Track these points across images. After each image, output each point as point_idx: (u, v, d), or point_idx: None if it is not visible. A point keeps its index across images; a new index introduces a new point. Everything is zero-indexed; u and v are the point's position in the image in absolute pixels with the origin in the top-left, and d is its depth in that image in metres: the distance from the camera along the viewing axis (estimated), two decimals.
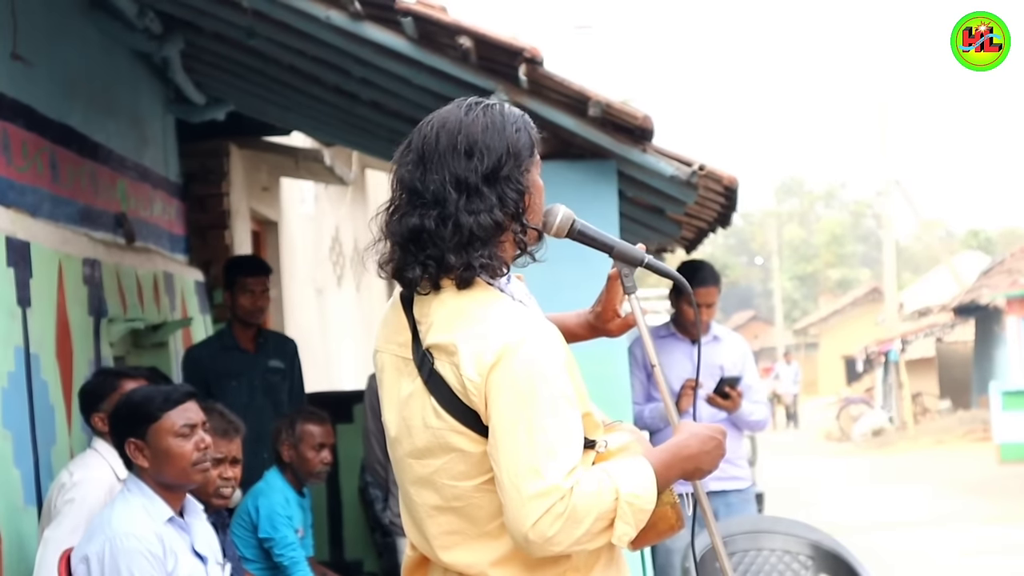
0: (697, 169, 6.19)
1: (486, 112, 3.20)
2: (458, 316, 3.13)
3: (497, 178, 3.14)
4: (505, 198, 3.14)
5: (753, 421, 7.69)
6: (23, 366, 5.87)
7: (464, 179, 3.12)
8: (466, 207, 3.11)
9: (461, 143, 3.14)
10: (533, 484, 2.99)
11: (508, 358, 3.04)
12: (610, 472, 3.09)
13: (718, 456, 3.28)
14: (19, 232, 5.98)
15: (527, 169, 3.20)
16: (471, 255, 3.11)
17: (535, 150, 3.24)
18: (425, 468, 3.19)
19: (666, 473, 3.17)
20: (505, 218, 3.14)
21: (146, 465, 4.77)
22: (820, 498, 19.61)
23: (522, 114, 3.27)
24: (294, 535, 6.66)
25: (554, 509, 2.98)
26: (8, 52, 6.19)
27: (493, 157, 3.14)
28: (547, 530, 2.99)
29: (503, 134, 3.16)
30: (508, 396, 3.03)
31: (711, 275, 7.63)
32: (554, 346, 3.12)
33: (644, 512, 3.09)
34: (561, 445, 3.02)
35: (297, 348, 8.36)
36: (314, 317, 14.39)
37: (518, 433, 3.01)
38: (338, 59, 6.79)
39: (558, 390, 3.06)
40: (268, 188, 12.67)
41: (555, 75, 5.93)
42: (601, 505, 3.03)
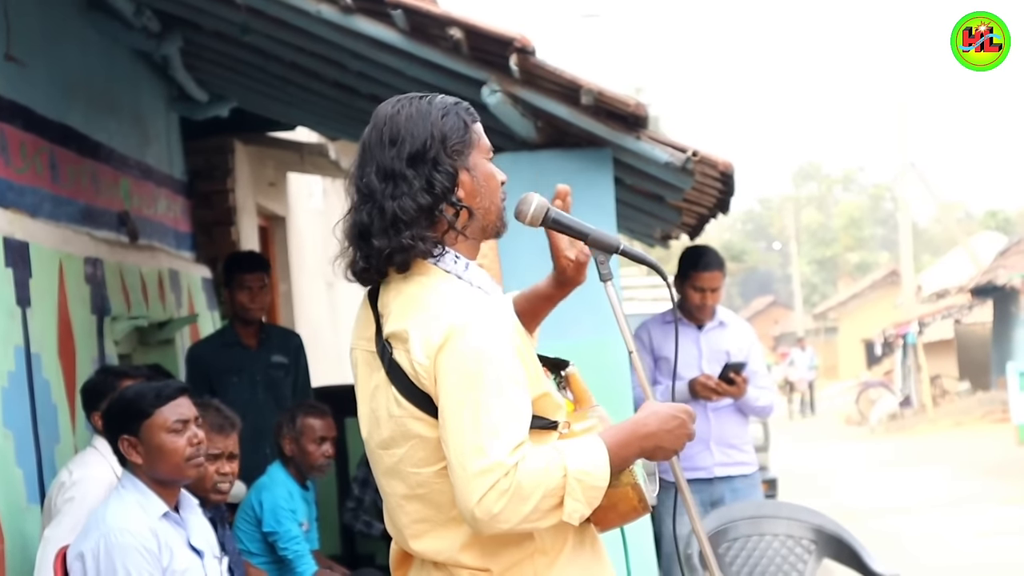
0: (691, 155, 6.18)
1: (413, 103, 3.28)
2: (410, 303, 3.18)
3: (423, 161, 3.21)
4: (432, 180, 3.20)
5: (759, 407, 7.67)
6: (24, 366, 5.90)
7: (389, 167, 3.22)
8: (391, 193, 3.20)
9: (386, 134, 3.24)
10: (477, 462, 3.02)
11: (454, 340, 3.08)
12: (559, 449, 3.11)
13: (682, 435, 3.25)
14: (17, 232, 6.00)
15: (459, 151, 3.25)
16: (397, 237, 3.18)
17: (470, 134, 3.29)
18: (391, 458, 3.23)
19: (621, 452, 3.17)
20: (433, 200, 3.20)
21: (140, 461, 4.79)
22: (838, 483, 19.58)
23: (457, 102, 3.33)
24: (298, 529, 6.68)
25: (499, 485, 3.01)
26: (1, 54, 6.21)
27: (417, 142, 3.22)
28: (492, 506, 3.02)
29: (427, 119, 3.24)
30: (454, 377, 3.07)
31: (715, 259, 7.60)
32: (501, 327, 3.14)
33: (595, 489, 3.10)
34: (506, 424, 3.05)
35: (302, 343, 8.36)
36: (324, 310, 14.42)
37: (464, 413, 3.05)
38: (334, 53, 6.80)
39: (504, 370, 3.09)
40: (275, 183, 12.70)
41: (547, 64, 5.93)
42: (548, 482, 3.05)
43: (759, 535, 6.57)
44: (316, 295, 14.10)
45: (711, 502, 7.33)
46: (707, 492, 7.38)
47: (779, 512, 6.71)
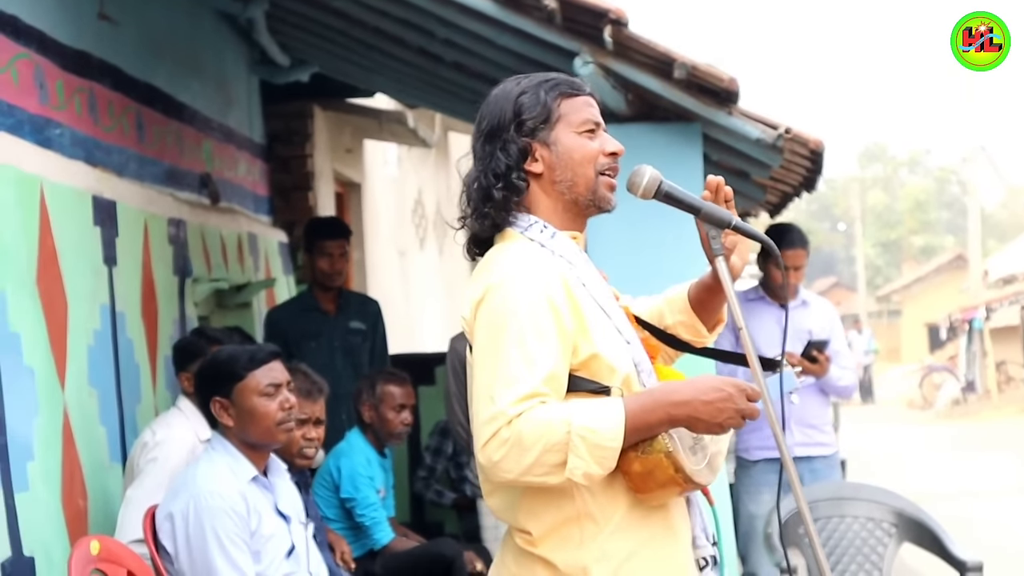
0: (783, 132, 6.11)
1: (505, 84, 3.39)
2: (481, 265, 3.30)
3: (495, 139, 3.32)
4: (497, 158, 3.29)
5: (841, 387, 7.62)
6: (109, 324, 5.92)
7: (473, 147, 3.38)
8: (472, 173, 3.34)
9: (478, 116, 3.38)
10: (486, 409, 3.08)
11: (489, 295, 3.17)
12: (569, 406, 3.08)
13: (724, 409, 3.14)
14: (105, 191, 6.02)
15: (533, 128, 3.31)
16: (476, 211, 3.31)
17: (550, 111, 3.33)
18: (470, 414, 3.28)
19: (645, 416, 3.09)
20: (495, 177, 3.29)
21: (231, 424, 4.80)
22: (904, 466, 19.46)
23: (547, 79, 3.38)
24: (375, 495, 6.68)
25: (500, 434, 3.03)
26: (94, 12, 6.22)
27: (493, 121, 3.33)
28: (493, 454, 3.05)
29: (507, 99, 3.34)
30: (483, 329, 3.16)
31: (799, 237, 7.57)
32: (537, 283, 3.16)
33: (602, 449, 3.04)
34: (519, 374, 3.07)
35: (380, 309, 8.35)
36: (396, 279, 14.43)
37: (485, 363, 3.12)
38: (422, 20, 6.77)
39: (527, 323, 3.11)
40: (351, 150, 12.69)
41: (640, 36, 5.87)
42: (550, 435, 3.02)
43: (839, 516, 6.51)
44: (389, 263, 14.10)
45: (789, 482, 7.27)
46: None
47: (859, 494, 6.64)
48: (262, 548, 4.71)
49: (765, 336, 7.39)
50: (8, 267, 4.81)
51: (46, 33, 5.63)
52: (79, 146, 5.91)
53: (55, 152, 5.57)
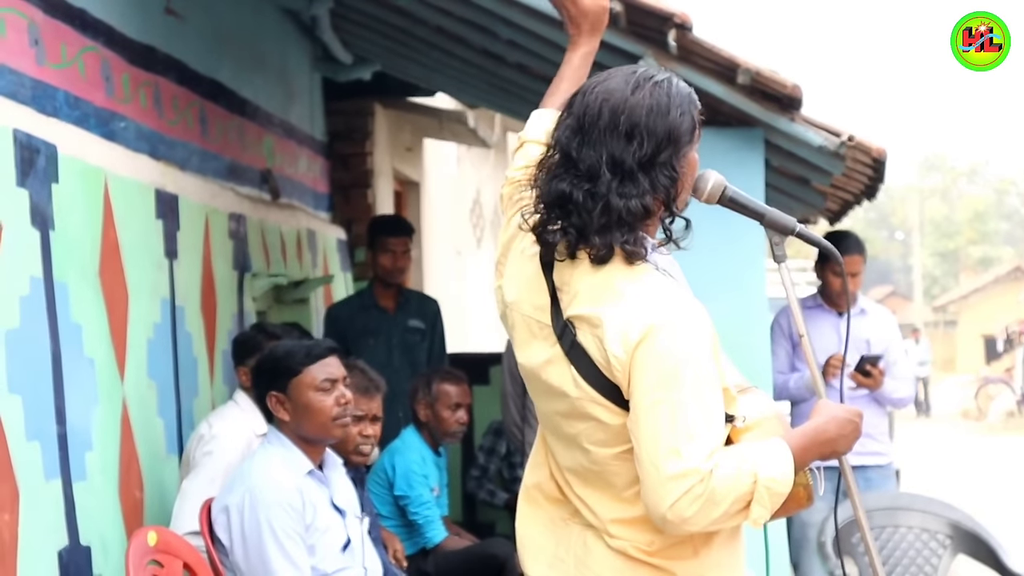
0: (846, 140, 6.10)
1: (653, 92, 3.12)
2: (604, 289, 3.09)
3: (654, 164, 3.08)
4: (657, 184, 3.08)
5: (896, 399, 7.59)
6: (169, 317, 5.96)
7: (621, 161, 3.07)
8: (618, 189, 3.06)
9: (623, 123, 3.08)
10: (673, 465, 2.97)
11: (654, 337, 3.01)
12: (750, 455, 3.06)
13: (854, 439, 3.26)
14: (168, 185, 6.06)
15: (685, 153, 3.14)
16: (614, 237, 3.07)
17: (696, 132, 3.19)
18: (571, 428, 3.19)
19: (803, 456, 3.15)
20: (655, 203, 3.10)
21: (287, 418, 4.82)
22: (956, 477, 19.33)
23: (689, 92, 3.20)
24: (429, 494, 6.69)
25: (693, 491, 2.97)
26: (162, 6, 6.26)
27: (652, 142, 3.07)
28: (685, 511, 2.98)
29: (666, 118, 3.10)
30: (653, 375, 3.01)
31: (856, 244, 7.55)
32: (701, 326, 3.08)
33: (780, 496, 3.07)
34: (702, 427, 3.00)
35: (439, 309, 8.38)
36: (453, 278, 14.45)
37: (660, 413, 2.99)
38: (486, 21, 6.77)
39: (703, 372, 3.03)
40: (411, 148, 12.72)
41: (705, 41, 5.86)
42: (739, 488, 3.01)
43: (894, 527, 6.48)
44: (446, 262, 14.13)
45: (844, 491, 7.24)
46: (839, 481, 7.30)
47: (914, 504, 6.61)
48: (317, 541, 4.73)
49: (823, 343, 7.37)
50: (71, 258, 4.85)
51: (114, 27, 5.66)
52: (143, 139, 5.94)
53: (120, 145, 5.61)
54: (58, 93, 5.03)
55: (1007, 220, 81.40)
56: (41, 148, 4.65)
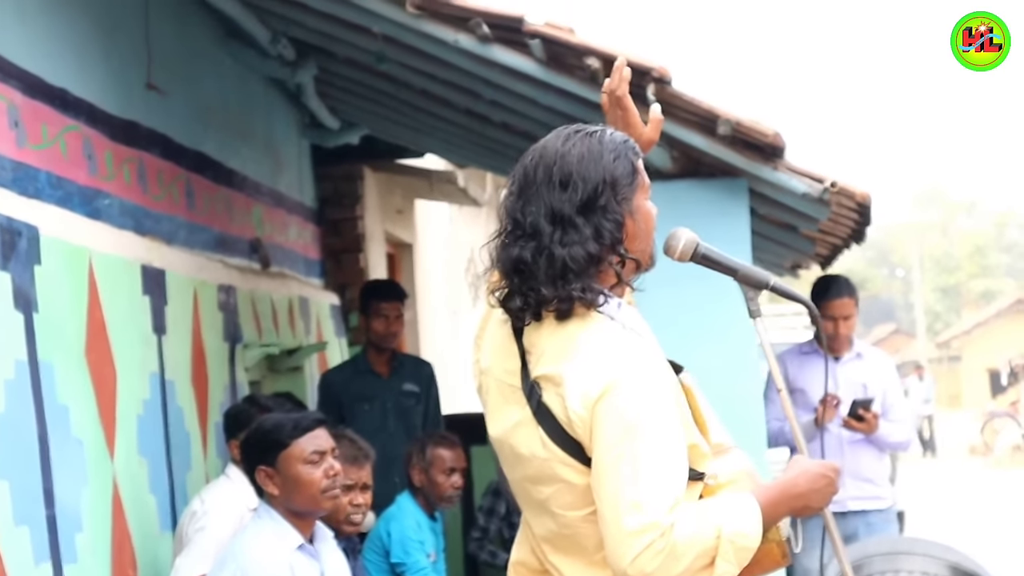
0: (829, 186, 6.11)
1: (584, 141, 3.17)
2: (565, 346, 3.10)
3: (593, 209, 3.12)
4: (601, 229, 3.11)
5: (893, 442, 7.57)
6: (159, 393, 5.94)
7: (559, 211, 3.11)
8: (560, 240, 3.10)
9: (556, 174, 3.13)
10: (634, 519, 2.97)
11: (614, 392, 3.01)
12: (714, 509, 3.06)
13: (829, 494, 3.25)
14: (155, 260, 6.05)
15: (626, 197, 3.16)
16: (566, 287, 3.08)
17: (637, 176, 3.21)
18: (539, 494, 3.20)
19: (773, 511, 3.14)
20: (601, 249, 3.12)
21: (276, 492, 4.79)
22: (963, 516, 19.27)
23: (624, 139, 3.23)
24: (426, 559, 6.66)
25: (654, 545, 2.96)
26: (143, 82, 6.27)
27: (588, 188, 3.12)
28: (646, 566, 2.97)
29: (599, 163, 3.14)
30: (613, 430, 3.01)
31: (846, 287, 7.54)
32: (661, 380, 3.09)
33: (747, 551, 3.05)
34: (664, 481, 3.00)
35: (434, 372, 8.37)
36: (449, 338, 14.44)
37: (621, 467, 2.99)
38: (468, 82, 6.80)
39: (663, 425, 3.03)
40: (402, 210, 12.74)
41: (684, 94, 5.89)
42: (702, 543, 3.00)
43: (894, 571, 6.42)
44: (441, 323, 14.12)
45: (845, 536, 7.21)
46: (841, 526, 7.24)
47: (914, 548, 6.54)
48: None
49: (817, 390, 7.37)
50: (56, 340, 4.83)
51: (95, 104, 5.67)
52: (128, 215, 5.95)
53: (104, 223, 5.61)
54: (40, 174, 5.03)
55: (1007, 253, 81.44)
56: (23, 230, 4.65)
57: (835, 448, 7.34)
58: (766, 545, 3.13)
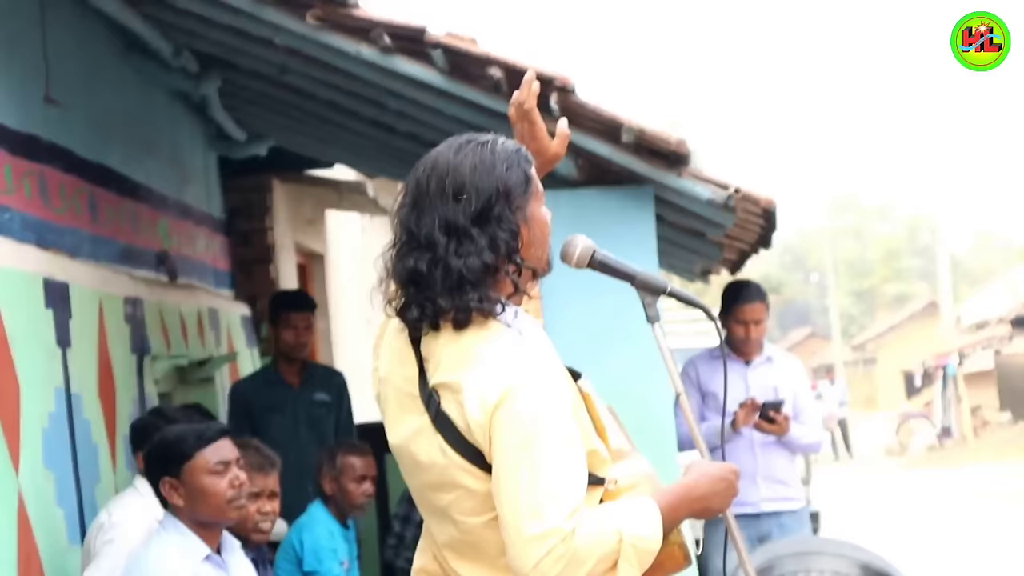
0: (733, 192, 6.17)
1: (476, 151, 3.17)
2: (464, 355, 3.11)
3: (488, 219, 3.12)
4: (496, 239, 3.12)
5: (805, 444, 7.63)
6: (64, 406, 5.89)
7: (453, 222, 3.12)
8: (455, 250, 3.10)
9: (449, 186, 3.14)
10: (534, 525, 2.97)
11: (512, 399, 3.02)
12: (615, 513, 3.08)
13: (729, 496, 3.26)
14: (57, 274, 6.00)
15: (520, 206, 3.17)
16: (462, 298, 3.09)
17: (530, 184, 3.21)
18: (440, 501, 3.20)
19: (673, 514, 3.16)
20: (497, 259, 3.12)
21: (181, 504, 4.78)
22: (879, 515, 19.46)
23: (517, 148, 3.24)
24: (339, 568, 6.65)
25: (555, 551, 2.96)
26: (41, 95, 6.23)
27: (482, 198, 3.12)
28: (548, 571, 2.97)
29: (492, 173, 3.15)
30: (511, 437, 3.02)
31: (756, 292, 7.58)
32: (558, 386, 3.10)
33: (649, 554, 3.07)
34: (564, 486, 3.00)
35: (345, 381, 8.36)
36: (364, 348, 14.38)
37: (520, 474, 3.00)
38: (372, 92, 6.81)
39: (561, 431, 3.04)
40: (313, 221, 12.72)
41: (587, 103, 5.92)
42: (604, 547, 3.01)
43: (804, 572, 6.47)
44: (355, 332, 14.10)
45: (758, 537, 7.29)
46: (754, 527, 7.35)
47: (825, 548, 6.61)
48: None
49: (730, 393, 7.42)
50: None
51: None
52: (29, 229, 5.90)
53: (4, 237, 5.55)
54: None
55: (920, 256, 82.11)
56: None
57: (747, 450, 7.40)
58: (668, 548, 3.15)
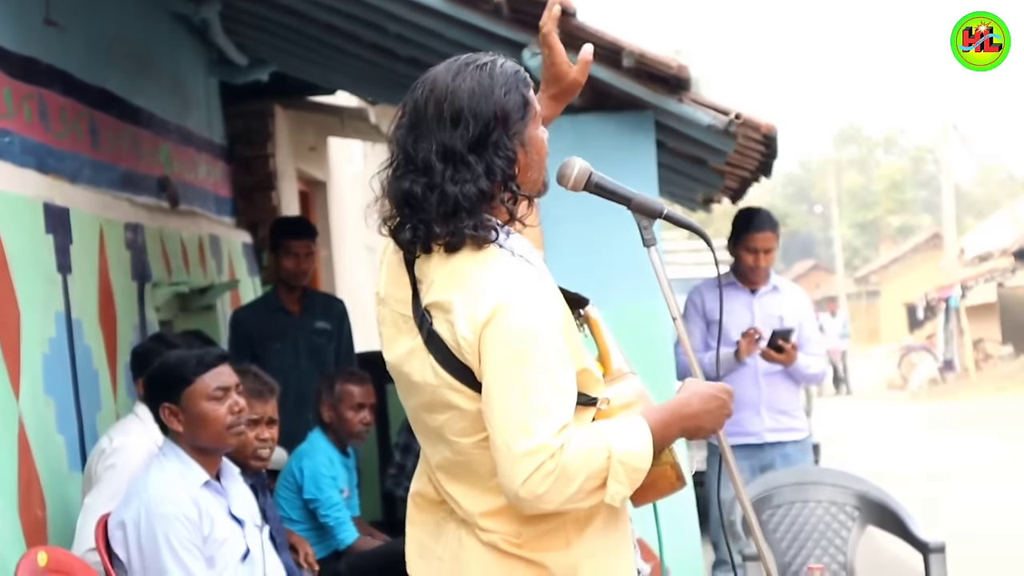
0: (734, 118, 6.13)
1: (474, 75, 3.14)
2: (456, 275, 3.11)
3: (485, 145, 3.10)
4: (493, 166, 3.10)
5: (810, 374, 7.59)
6: (65, 332, 5.89)
7: (451, 148, 3.09)
8: (452, 177, 3.08)
9: (447, 110, 3.10)
10: (524, 442, 2.98)
11: (501, 316, 3.02)
12: (604, 431, 3.09)
13: (722, 415, 3.24)
14: (57, 198, 5.98)
15: (518, 131, 3.15)
16: (457, 224, 3.09)
17: (528, 108, 3.18)
18: (434, 421, 3.21)
19: (664, 432, 3.15)
20: (492, 186, 3.11)
21: (180, 430, 4.78)
22: (879, 447, 19.50)
23: (516, 71, 3.21)
24: (339, 495, 6.66)
25: (544, 467, 2.98)
26: (41, 17, 6.18)
27: (479, 124, 3.10)
28: (537, 487, 2.99)
29: (491, 99, 3.12)
30: (501, 354, 3.02)
31: (767, 220, 7.49)
32: (549, 304, 3.10)
33: (638, 471, 3.08)
34: (553, 404, 3.01)
35: (346, 309, 8.33)
36: (365, 275, 14.42)
37: (510, 392, 3.01)
38: (373, 16, 6.76)
39: (551, 348, 3.04)
40: (315, 148, 12.69)
41: (588, 26, 5.87)
42: (593, 463, 3.02)
43: (802, 502, 6.50)
44: (357, 260, 14.10)
45: (761, 467, 7.28)
46: (757, 458, 7.34)
47: (823, 479, 6.64)
48: (216, 553, 4.69)
49: (736, 320, 7.39)
50: None
51: None
52: (29, 153, 5.87)
53: (4, 161, 5.53)
54: None
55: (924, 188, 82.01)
56: None
57: (750, 380, 7.36)
58: (660, 468, 3.16)
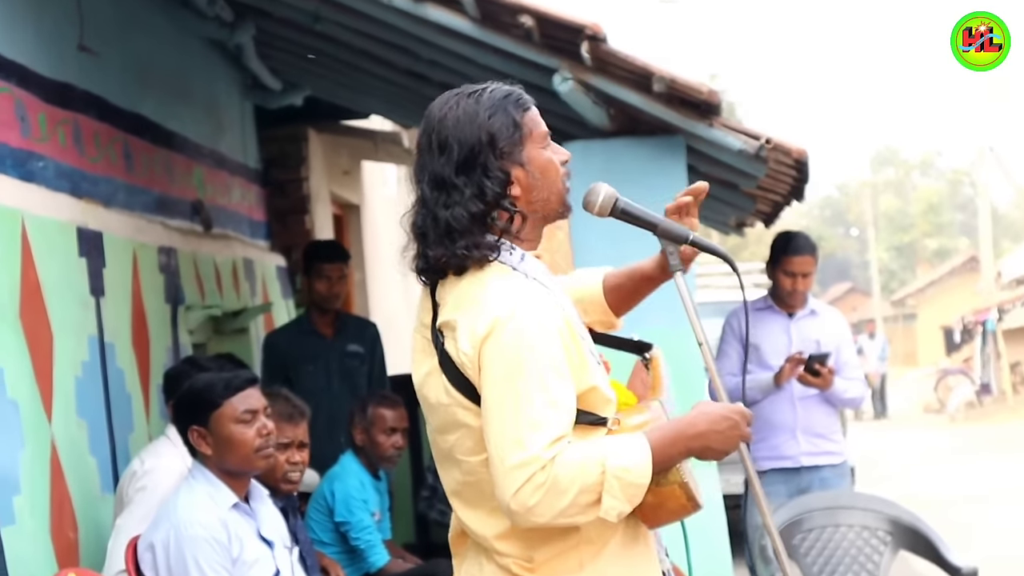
0: (764, 143, 6.13)
1: (462, 103, 3.22)
2: (462, 295, 3.18)
3: (472, 168, 3.18)
4: (483, 187, 3.18)
5: (848, 399, 7.54)
6: (98, 355, 5.93)
7: (439, 175, 3.20)
8: (443, 202, 3.18)
9: (435, 140, 3.22)
10: (515, 455, 3.02)
11: (498, 330, 3.07)
12: (600, 445, 3.10)
13: (733, 436, 3.22)
14: (91, 222, 6.03)
15: (509, 152, 3.21)
16: (452, 247, 3.17)
17: (519, 129, 3.24)
18: (446, 443, 3.25)
19: (667, 450, 3.14)
20: (484, 207, 3.18)
21: (209, 452, 4.80)
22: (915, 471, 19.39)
23: (507, 94, 3.27)
24: (370, 518, 6.68)
25: (535, 479, 3.00)
26: (75, 44, 6.23)
27: (465, 148, 3.18)
28: (528, 500, 3.01)
29: (474, 123, 3.19)
30: (497, 368, 3.07)
31: (806, 244, 7.47)
32: (546, 319, 3.13)
33: (635, 487, 3.08)
34: (546, 417, 3.04)
35: (378, 332, 8.35)
36: (399, 299, 14.44)
37: (505, 405, 3.05)
38: (405, 41, 6.81)
39: (547, 362, 3.08)
40: (349, 172, 12.73)
41: (618, 51, 5.90)
42: (586, 477, 3.03)
43: (834, 526, 6.50)
44: (390, 283, 14.12)
45: (799, 491, 7.23)
46: (794, 482, 7.30)
47: (855, 503, 6.63)
48: (245, 575, 4.71)
49: (773, 345, 7.38)
50: None
51: (26, 66, 5.64)
52: (64, 178, 5.92)
53: (38, 185, 5.59)
54: None
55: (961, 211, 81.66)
56: None
57: (786, 404, 7.33)
58: (667, 487, 3.15)
